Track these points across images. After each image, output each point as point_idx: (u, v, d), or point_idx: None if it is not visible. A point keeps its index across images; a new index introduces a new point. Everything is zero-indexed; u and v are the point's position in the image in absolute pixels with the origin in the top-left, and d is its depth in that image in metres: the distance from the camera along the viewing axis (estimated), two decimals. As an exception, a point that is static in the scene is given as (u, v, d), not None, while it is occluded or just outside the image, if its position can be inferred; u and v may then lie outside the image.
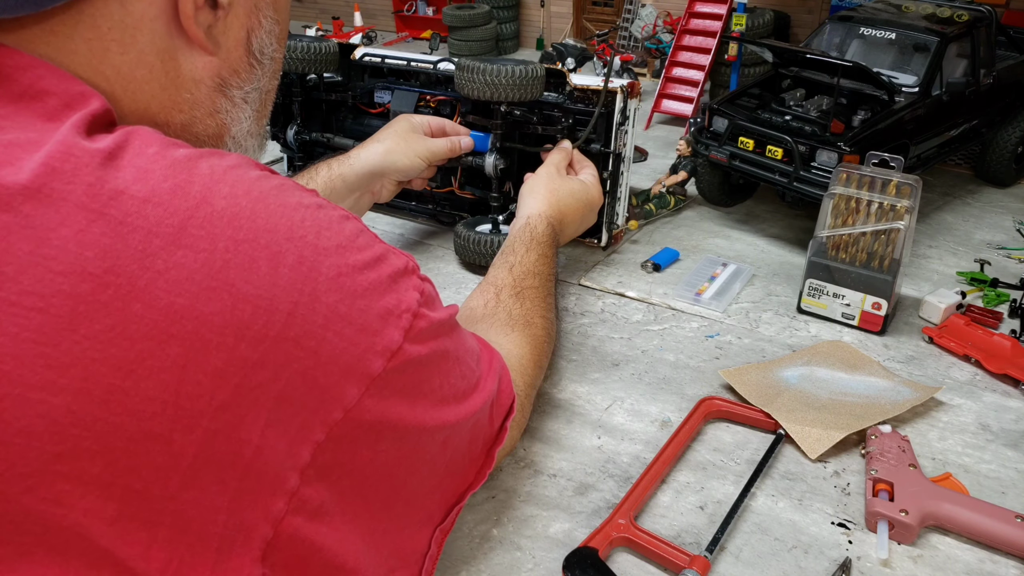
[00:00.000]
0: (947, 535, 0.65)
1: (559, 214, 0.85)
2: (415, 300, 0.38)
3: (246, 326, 0.31)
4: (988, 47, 1.18)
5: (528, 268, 0.74)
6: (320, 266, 0.34)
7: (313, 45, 1.13)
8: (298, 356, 0.32)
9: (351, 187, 0.90)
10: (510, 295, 0.70)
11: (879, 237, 0.88)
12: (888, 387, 0.80)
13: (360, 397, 0.35)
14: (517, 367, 0.62)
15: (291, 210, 0.34)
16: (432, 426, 0.41)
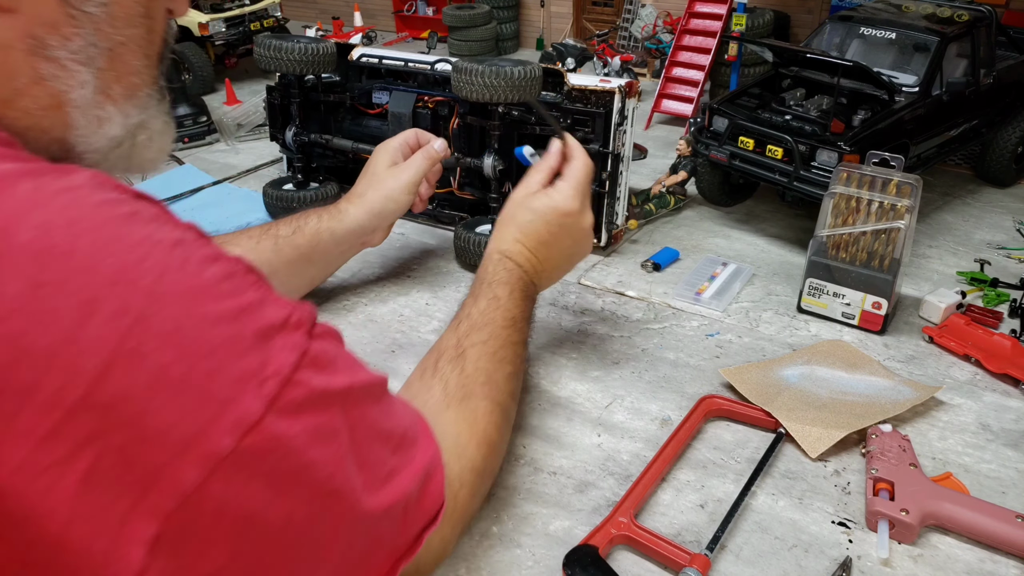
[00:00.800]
0: (947, 535, 0.65)
1: (525, 247, 0.68)
2: (290, 362, 0.31)
3: (32, 389, 0.25)
4: (988, 47, 1.18)
5: (475, 321, 0.61)
6: (153, 317, 0.28)
7: (310, 46, 1.13)
8: (109, 428, 0.26)
9: (339, 242, 0.85)
10: (449, 360, 0.58)
11: (879, 236, 0.88)
12: (888, 386, 0.80)
13: (203, 481, 0.28)
14: (453, 451, 0.51)
15: (130, 246, 0.28)
16: (310, 526, 0.32)
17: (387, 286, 1.04)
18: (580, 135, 1.06)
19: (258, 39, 1.16)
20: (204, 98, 1.73)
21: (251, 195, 1.33)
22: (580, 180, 0.70)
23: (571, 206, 0.69)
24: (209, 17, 1.95)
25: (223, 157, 1.55)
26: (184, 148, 1.58)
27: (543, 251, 0.69)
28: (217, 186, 1.39)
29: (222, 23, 1.97)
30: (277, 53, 1.12)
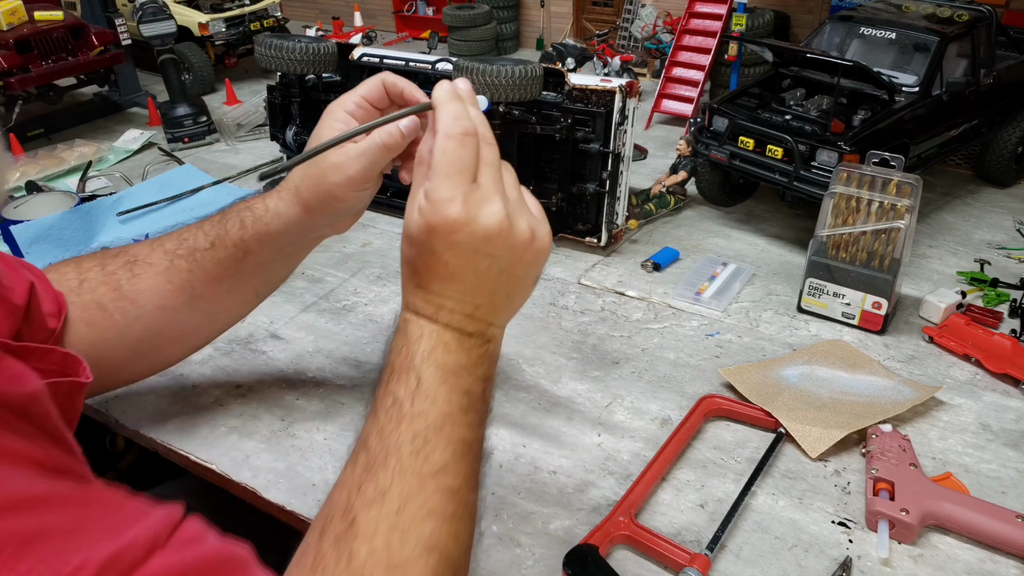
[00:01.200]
0: (947, 534, 0.65)
1: (426, 291, 0.44)
2: None
3: None
4: (988, 47, 1.18)
5: (374, 450, 0.40)
6: None
7: (311, 46, 1.13)
8: None
9: (278, 247, 0.62)
10: (333, 541, 0.37)
11: (879, 236, 0.88)
12: (888, 386, 0.80)
13: None
14: None
15: None
16: None
17: (387, 286, 1.04)
18: (581, 134, 1.06)
19: (259, 38, 1.16)
20: (204, 98, 1.73)
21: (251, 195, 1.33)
22: (447, 169, 0.42)
23: (445, 216, 0.41)
24: (209, 17, 1.95)
25: (223, 157, 1.55)
26: (184, 148, 1.58)
27: (452, 288, 0.43)
28: (217, 186, 1.39)
29: (222, 23, 1.97)
30: (278, 52, 1.12)
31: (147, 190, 1.34)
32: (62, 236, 1.16)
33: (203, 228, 0.63)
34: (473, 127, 0.44)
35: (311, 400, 0.82)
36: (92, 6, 1.78)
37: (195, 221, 0.65)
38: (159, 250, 0.62)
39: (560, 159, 1.08)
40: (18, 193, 1.34)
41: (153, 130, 1.67)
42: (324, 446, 0.76)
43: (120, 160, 1.55)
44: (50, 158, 1.49)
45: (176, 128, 1.58)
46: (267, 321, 0.95)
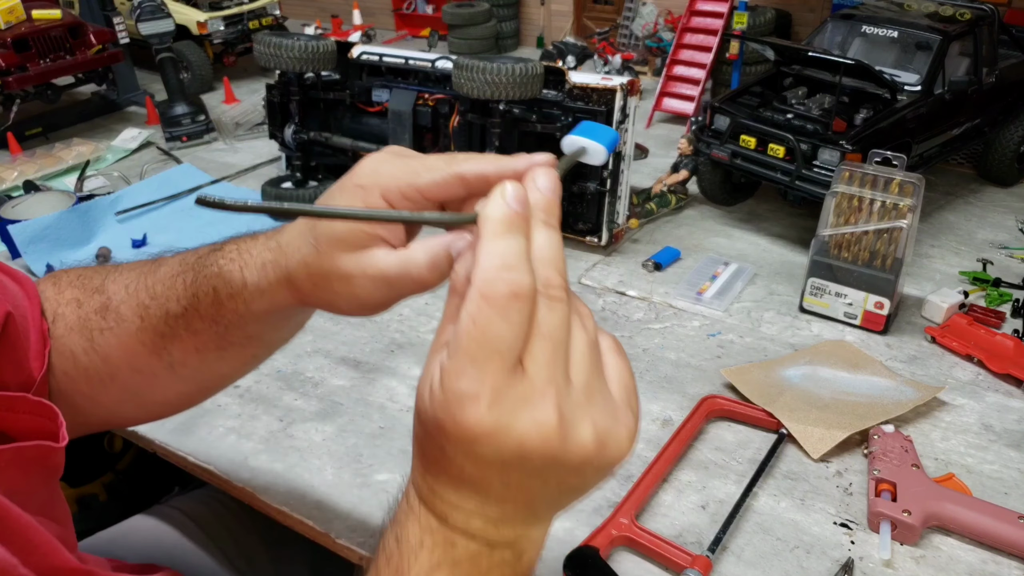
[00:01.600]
0: (950, 536, 0.64)
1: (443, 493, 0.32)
2: None
3: None
4: (990, 46, 1.17)
5: None
6: None
7: (310, 44, 1.13)
8: None
9: (271, 325, 0.49)
10: None
11: (881, 236, 0.88)
12: (890, 387, 0.80)
13: None
14: None
15: None
16: None
17: (387, 285, 1.03)
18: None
19: (258, 36, 1.15)
20: (202, 97, 1.72)
21: (250, 194, 1.33)
22: (475, 350, 0.28)
23: (462, 420, 0.29)
24: (207, 15, 1.95)
25: (221, 156, 1.54)
26: (182, 147, 1.58)
27: (468, 496, 0.31)
28: (215, 185, 1.38)
29: (220, 21, 1.97)
30: (277, 50, 1.12)
31: (145, 189, 1.34)
32: (60, 236, 1.16)
33: (176, 286, 0.46)
34: (527, 284, 0.28)
35: (310, 401, 0.81)
36: (90, 5, 1.77)
37: (175, 255, 0.49)
38: (132, 302, 0.47)
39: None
40: (16, 192, 1.34)
41: (151, 129, 1.66)
42: (323, 447, 0.75)
43: (118, 159, 1.54)
44: (48, 157, 1.48)
45: (174, 127, 1.58)
46: (266, 321, 0.94)
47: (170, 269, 0.49)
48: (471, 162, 0.38)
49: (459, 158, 0.38)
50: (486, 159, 0.38)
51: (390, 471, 0.72)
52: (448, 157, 0.39)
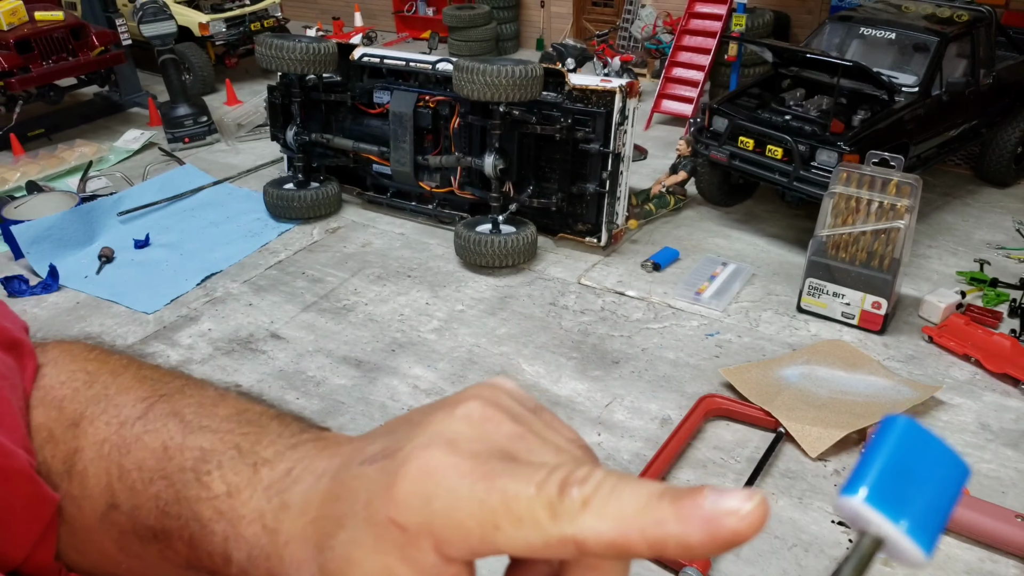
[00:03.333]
0: (947, 534, 0.65)
1: None
2: None
3: None
4: (988, 47, 1.18)
5: None
6: None
7: (312, 46, 1.13)
8: None
9: None
10: None
11: (879, 236, 0.88)
12: (888, 386, 0.80)
13: None
14: None
15: None
16: None
17: (387, 286, 1.04)
18: (581, 135, 1.06)
19: (259, 38, 1.16)
20: (204, 98, 1.73)
21: (251, 195, 1.34)
22: None
23: None
24: (209, 17, 1.95)
25: (223, 157, 1.55)
26: (184, 148, 1.58)
27: None
28: (217, 186, 1.39)
29: (222, 23, 1.97)
30: (279, 52, 1.12)
31: (147, 190, 1.35)
32: (63, 236, 1.16)
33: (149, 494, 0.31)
34: None
35: (311, 399, 0.82)
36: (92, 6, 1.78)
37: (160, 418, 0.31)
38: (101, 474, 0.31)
39: (560, 159, 1.08)
40: (19, 193, 1.35)
41: (153, 130, 1.67)
42: (324, 445, 0.76)
43: (120, 160, 1.55)
44: (51, 158, 1.49)
45: (176, 128, 1.58)
46: (267, 321, 0.95)
47: (149, 453, 0.31)
48: (592, 516, 0.20)
49: (569, 504, 0.20)
50: (617, 508, 0.19)
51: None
52: (553, 499, 0.20)
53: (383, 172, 1.25)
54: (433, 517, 0.20)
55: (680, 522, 0.18)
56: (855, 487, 0.16)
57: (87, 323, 0.96)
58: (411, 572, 0.20)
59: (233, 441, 0.29)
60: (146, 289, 1.06)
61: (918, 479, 0.17)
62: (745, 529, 0.16)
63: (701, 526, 0.18)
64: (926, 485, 0.17)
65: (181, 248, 1.19)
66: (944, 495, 0.17)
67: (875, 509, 0.17)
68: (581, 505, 0.19)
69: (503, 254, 1.04)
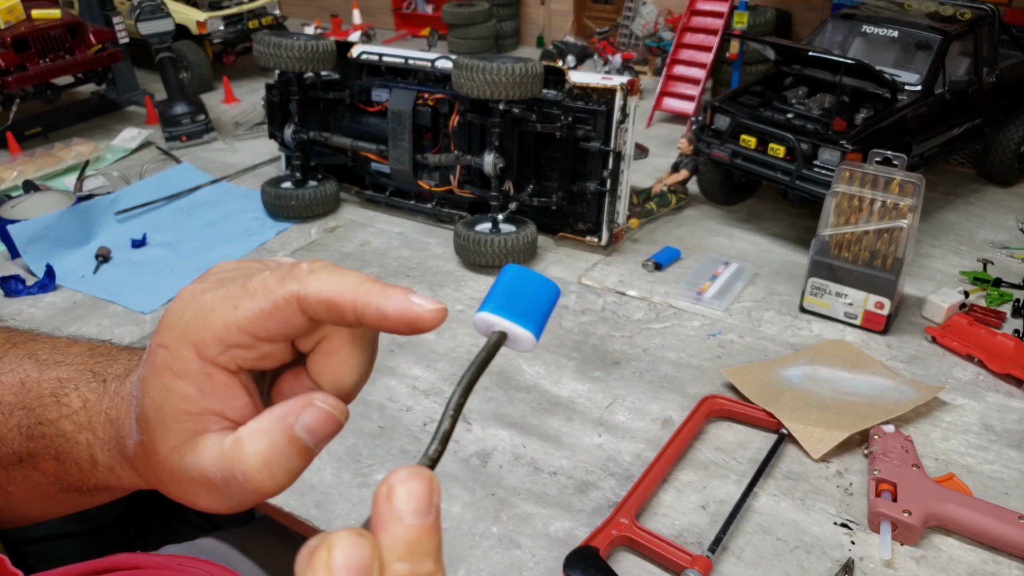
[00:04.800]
0: (950, 536, 0.64)
1: None
2: None
3: None
4: (991, 45, 1.17)
5: None
6: None
7: (310, 43, 1.13)
8: None
9: None
10: None
11: (882, 236, 0.88)
12: (891, 387, 0.80)
13: None
14: None
15: None
16: None
17: (386, 285, 1.03)
18: (581, 133, 1.05)
19: (257, 36, 1.15)
20: (202, 96, 1.72)
21: (249, 194, 1.33)
22: None
23: None
24: (207, 15, 1.94)
25: (221, 155, 1.54)
26: (182, 147, 1.58)
27: None
28: (215, 185, 1.38)
29: (220, 21, 1.97)
30: (276, 50, 1.11)
31: (145, 189, 1.34)
32: (60, 235, 1.15)
33: (8, 426, 0.34)
34: None
35: (310, 400, 0.81)
36: (90, 4, 1.77)
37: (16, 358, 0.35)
38: None
39: (561, 157, 1.07)
40: (15, 192, 1.34)
41: (151, 129, 1.66)
42: (323, 447, 0.75)
43: (118, 159, 1.54)
44: (47, 157, 1.48)
45: (174, 127, 1.57)
46: (265, 321, 0.94)
47: (7, 390, 0.33)
48: (315, 279, 0.25)
49: (298, 272, 0.25)
50: (338, 278, 0.25)
51: (390, 471, 0.72)
52: (284, 272, 0.25)
53: (382, 171, 1.24)
54: (186, 327, 0.25)
55: (384, 297, 0.24)
56: (484, 307, 0.25)
57: (84, 323, 0.95)
58: (184, 383, 0.25)
59: (88, 367, 0.33)
60: (143, 288, 1.06)
61: (524, 297, 0.26)
62: (427, 316, 0.24)
63: (399, 303, 0.24)
64: (529, 300, 0.26)
65: (178, 247, 1.18)
66: (543, 304, 0.26)
67: (497, 315, 0.25)
68: (308, 272, 0.25)
69: (503, 253, 1.03)
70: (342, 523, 0.67)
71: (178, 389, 0.25)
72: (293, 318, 0.25)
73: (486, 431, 0.76)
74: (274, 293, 0.25)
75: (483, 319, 0.27)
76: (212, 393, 0.25)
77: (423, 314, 0.25)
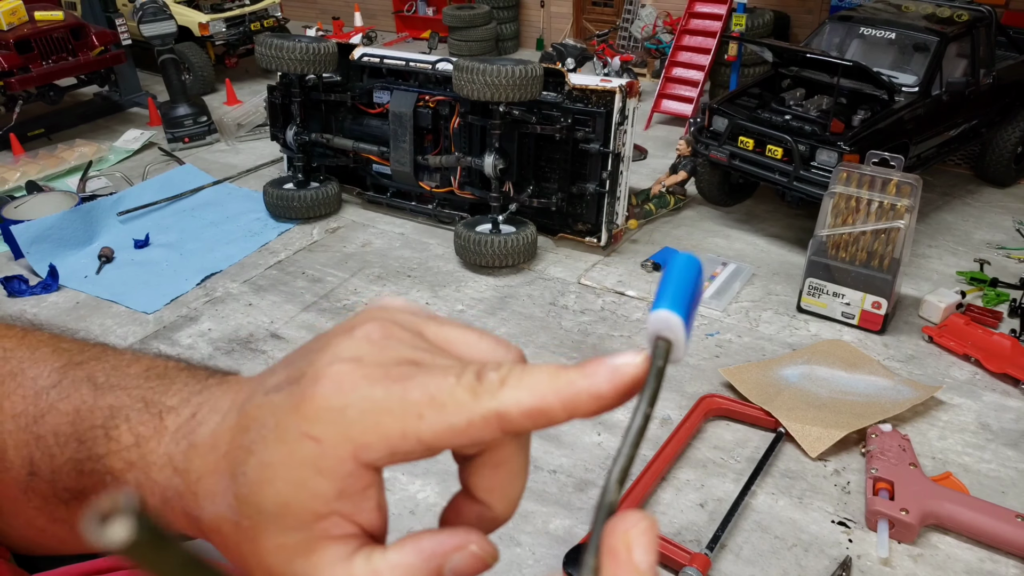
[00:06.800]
0: (947, 534, 0.65)
1: None
2: None
3: None
4: (988, 47, 1.18)
5: None
6: None
7: (311, 46, 1.13)
8: None
9: None
10: None
11: (879, 236, 0.88)
12: (888, 386, 0.80)
13: None
14: None
15: None
16: None
17: (387, 285, 1.04)
18: (581, 134, 1.06)
19: (259, 38, 1.16)
20: (204, 98, 1.73)
21: (251, 195, 1.33)
22: None
23: None
24: (209, 17, 1.95)
25: (223, 157, 1.55)
26: (184, 148, 1.58)
27: None
28: (217, 186, 1.39)
29: (222, 23, 1.97)
30: (278, 52, 1.12)
31: (147, 190, 1.34)
32: (63, 236, 1.16)
33: (60, 456, 0.30)
34: None
35: (311, 400, 0.82)
36: (92, 6, 1.78)
37: (69, 381, 0.31)
38: (21, 445, 0.30)
39: (560, 159, 1.08)
40: (18, 193, 1.34)
41: (153, 130, 1.67)
42: (324, 446, 0.76)
43: (120, 160, 1.55)
44: (50, 158, 1.49)
45: (176, 128, 1.58)
46: (267, 321, 0.95)
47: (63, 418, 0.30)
48: (511, 391, 0.21)
49: (489, 384, 0.21)
50: (533, 381, 0.20)
51: (390, 469, 0.72)
52: (472, 381, 0.21)
53: (383, 172, 1.25)
54: (350, 425, 0.20)
55: (587, 377, 0.19)
56: (671, 306, 0.21)
57: (87, 323, 0.96)
58: (327, 482, 0.21)
59: (140, 395, 0.29)
60: (146, 289, 1.06)
61: (694, 299, 0.21)
62: (641, 372, 0.19)
63: (606, 374, 0.20)
64: (690, 292, 0.21)
65: (181, 248, 1.19)
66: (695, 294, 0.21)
67: (680, 317, 0.20)
68: (499, 383, 0.20)
69: (503, 254, 1.04)
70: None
71: (316, 488, 0.21)
72: (488, 436, 0.21)
73: (486, 430, 0.77)
74: (468, 410, 0.21)
75: (665, 320, 0.22)
76: (350, 496, 0.22)
77: (636, 373, 0.20)
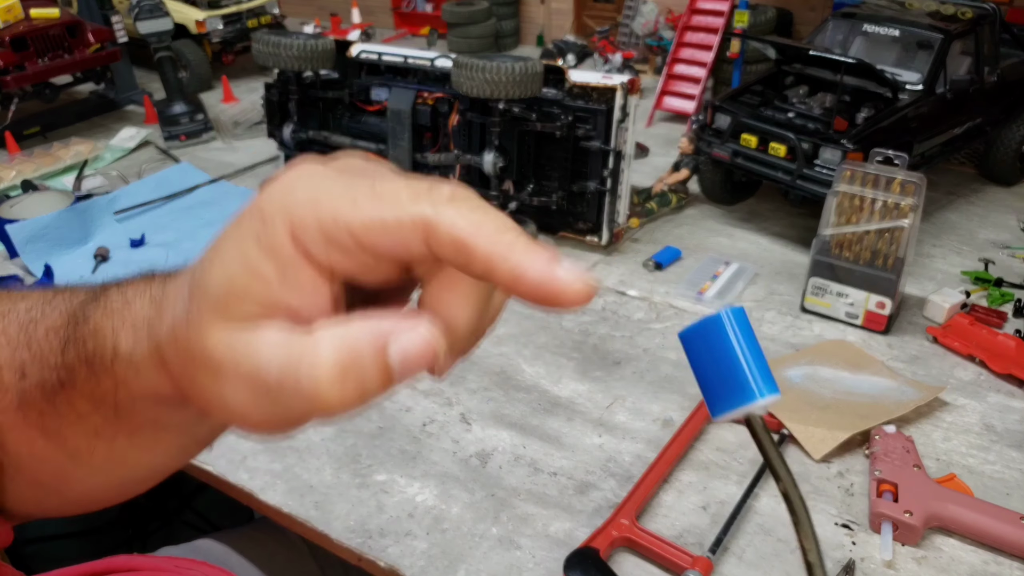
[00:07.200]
0: (951, 536, 0.64)
1: None
2: None
3: None
4: (992, 44, 1.17)
5: None
6: None
7: (309, 42, 1.12)
8: None
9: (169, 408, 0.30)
10: None
11: (883, 235, 0.87)
12: (892, 387, 0.79)
13: None
14: None
15: None
16: None
17: (386, 285, 1.03)
18: (581, 132, 1.05)
19: (256, 35, 1.15)
20: (201, 95, 1.72)
21: (248, 193, 1.33)
22: None
23: None
24: (206, 14, 1.94)
25: (220, 155, 1.54)
26: (181, 146, 1.57)
27: None
28: (214, 184, 1.38)
29: (219, 20, 1.96)
30: (275, 49, 1.11)
31: (143, 188, 1.34)
32: (58, 235, 1.15)
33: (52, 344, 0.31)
34: None
35: (309, 401, 0.81)
36: (88, 3, 1.77)
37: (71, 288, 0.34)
38: (12, 362, 0.32)
39: (561, 157, 1.07)
40: (14, 192, 1.34)
41: (149, 128, 1.66)
42: (321, 447, 0.75)
43: (116, 158, 1.54)
44: (46, 156, 1.48)
45: (173, 126, 1.57)
46: (265, 320, 0.94)
47: (57, 314, 0.32)
48: (452, 210, 0.20)
49: (436, 195, 0.21)
50: (478, 217, 0.20)
51: (389, 471, 0.72)
52: (421, 189, 0.21)
53: (382, 170, 1.24)
54: (293, 202, 0.21)
55: (525, 255, 0.20)
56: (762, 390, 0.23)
57: (82, 323, 0.95)
58: (269, 262, 0.20)
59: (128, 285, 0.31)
60: (142, 288, 1.06)
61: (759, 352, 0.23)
62: (571, 293, 0.19)
63: (540, 268, 0.19)
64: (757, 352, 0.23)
65: (178, 247, 1.18)
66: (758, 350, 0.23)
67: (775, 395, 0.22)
68: (447, 200, 0.20)
69: (503, 253, 1.03)
70: (341, 524, 0.66)
71: (259, 267, 0.21)
72: (412, 244, 0.21)
73: (486, 431, 0.76)
74: (402, 208, 0.21)
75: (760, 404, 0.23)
76: (294, 288, 0.21)
77: (566, 288, 0.20)
